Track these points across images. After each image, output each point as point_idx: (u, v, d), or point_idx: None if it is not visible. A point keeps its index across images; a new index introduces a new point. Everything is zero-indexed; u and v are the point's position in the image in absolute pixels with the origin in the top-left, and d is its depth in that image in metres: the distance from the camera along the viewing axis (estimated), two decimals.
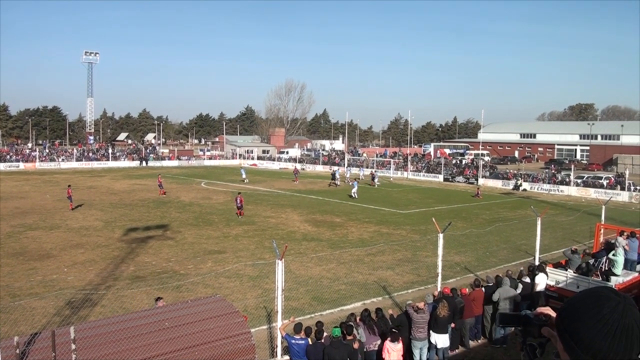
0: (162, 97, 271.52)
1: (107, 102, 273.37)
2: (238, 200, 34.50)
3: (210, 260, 23.01)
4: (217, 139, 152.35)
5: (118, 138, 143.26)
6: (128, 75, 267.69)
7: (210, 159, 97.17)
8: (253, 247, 25.75)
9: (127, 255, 23.70)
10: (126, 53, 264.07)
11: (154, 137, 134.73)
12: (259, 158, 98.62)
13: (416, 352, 12.98)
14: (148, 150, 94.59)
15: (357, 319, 12.88)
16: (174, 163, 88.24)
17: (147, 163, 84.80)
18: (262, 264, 20.95)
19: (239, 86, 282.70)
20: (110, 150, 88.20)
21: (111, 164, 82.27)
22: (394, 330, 12.03)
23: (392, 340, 11.83)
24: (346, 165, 79.19)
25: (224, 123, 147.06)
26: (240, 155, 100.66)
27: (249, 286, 19.26)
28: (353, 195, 45.35)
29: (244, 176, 59.39)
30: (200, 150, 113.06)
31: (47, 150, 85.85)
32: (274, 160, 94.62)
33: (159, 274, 20.68)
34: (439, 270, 16.31)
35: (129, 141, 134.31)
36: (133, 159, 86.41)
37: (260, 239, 27.68)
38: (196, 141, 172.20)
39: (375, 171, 68.60)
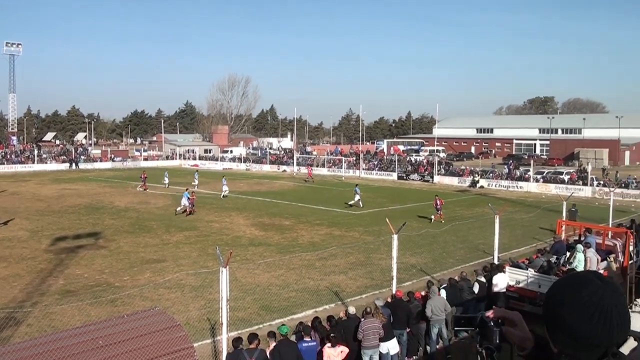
0: (93, 93, 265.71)
1: (31, 98, 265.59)
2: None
3: (148, 270, 22.68)
4: (154, 138, 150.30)
5: (45, 138, 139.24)
6: (55, 69, 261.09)
7: (147, 159, 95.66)
8: (195, 255, 25.52)
9: (55, 267, 23.10)
10: (52, 45, 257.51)
11: (85, 137, 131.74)
12: (200, 158, 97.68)
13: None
14: (78, 152, 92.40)
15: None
16: (107, 165, 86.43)
17: (77, 165, 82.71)
18: (205, 273, 20.73)
19: (178, 80, 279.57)
20: (36, 152, 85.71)
21: (37, 167, 79.97)
22: (332, 335, 12.19)
23: (332, 346, 12.01)
24: (295, 163, 79.25)
25: (162, 120, 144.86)
26: (180, 155, 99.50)
27: (191, 297, 19.07)
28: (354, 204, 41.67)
29: (166, 181, 56.39)
30: (137, 150, 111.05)
31: None
32: (217, 160, 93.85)
33: (92, 287, 20.25)
34: (394, 273, 16.49)
35: (57, 141, 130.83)
36: (62, 162, 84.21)
37: (203, 245, 27.44)
38: (131, 141, 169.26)
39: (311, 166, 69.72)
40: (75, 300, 18.22)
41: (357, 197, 41.57)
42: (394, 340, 13.63)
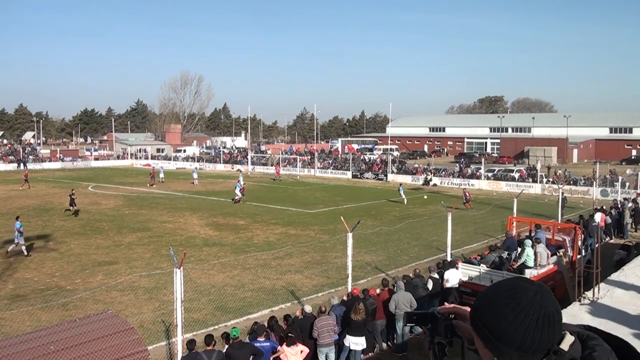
0: (41, 91, 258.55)
1: None
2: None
3: (100, 273, 22.29)
4: (105, 137, 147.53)
5: None
6: (1, 66, 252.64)
7: (97, 159, 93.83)
8: (148, 256, 25.20)
9: (4, 271, 22.51)
10: None
11: (33, 136, 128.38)
12: (153, 157, 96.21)
13: (321, 358, 13.27)
14: (27, 151, 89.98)
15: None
16: (57, 165, 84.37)
17: (25, 166, 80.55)
18: (158, 274, 20.53)
19: (128, 78, 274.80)
20: None
21: None
22: (289, 334, 12.29)
23: (289, 345, 12.13)
24: (249, 162, 78.92)
25: (113, 119, 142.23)
26: (131, 154, 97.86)
27: (144, 299, 18.84)
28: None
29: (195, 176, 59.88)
30: (87, 150, 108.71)
31: None
32: (170, 159, 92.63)
33: (43, 291, 19.80)
34: (349, 271, 16.63)
35: (4, 141, 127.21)
36: (9, 162, 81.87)
37: (157, 246, 27.11)
38: (81, 140, 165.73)
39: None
40: (25, 305, 17.79)
41: (403, 196, 44.30)
42: (363, 338, 13.77)
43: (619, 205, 33.02)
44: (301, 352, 12.25)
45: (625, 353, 1.84)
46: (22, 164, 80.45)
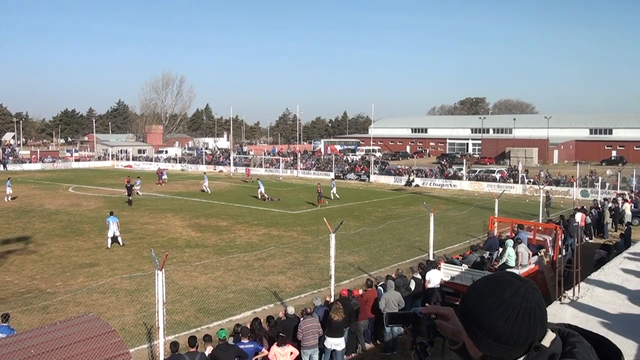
0: (21, 91, 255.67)
1: None
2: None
3: (81, 275, 22.09)
4: (86, 138, 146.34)
5: None
6: None
7: (78, 160, 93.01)
8: (130, 258, 25.03)
9: None
10: None
11: (13, 137, 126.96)
12: (134, 159, 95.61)
13: (305, 359, 13.29)
14: (6, 152, 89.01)
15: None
16: (37, 166, 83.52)
17: (5, 167, 79.72)
18: (140, 276, 20.41)
19: (109, 78, 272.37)
20: None
21: None
22: (280, 334, 12.29)
23: (279, 345, 12.13)
24: (232, 163, 78.61)
25: (94, 120, 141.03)
26: (113, 155, 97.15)
27: (126, 301, 18.71)
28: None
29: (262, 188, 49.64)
30: (67, 151, 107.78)
31: None
32: (151, 160, 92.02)
33: (23, 294, 19.59)
34: (332, 272, 16.64)
35: None
36: None
37: (138, 248, 26.94)
38: (62, 141, 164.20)
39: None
40: (5, 308, 17.46)
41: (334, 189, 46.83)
42: (342, 339, 13.78)
43: (599, 206, 33.36)
44: (291, 353, 12.26)
45: (605, 350, 1.89)
46: (1, 165, 79.58)
